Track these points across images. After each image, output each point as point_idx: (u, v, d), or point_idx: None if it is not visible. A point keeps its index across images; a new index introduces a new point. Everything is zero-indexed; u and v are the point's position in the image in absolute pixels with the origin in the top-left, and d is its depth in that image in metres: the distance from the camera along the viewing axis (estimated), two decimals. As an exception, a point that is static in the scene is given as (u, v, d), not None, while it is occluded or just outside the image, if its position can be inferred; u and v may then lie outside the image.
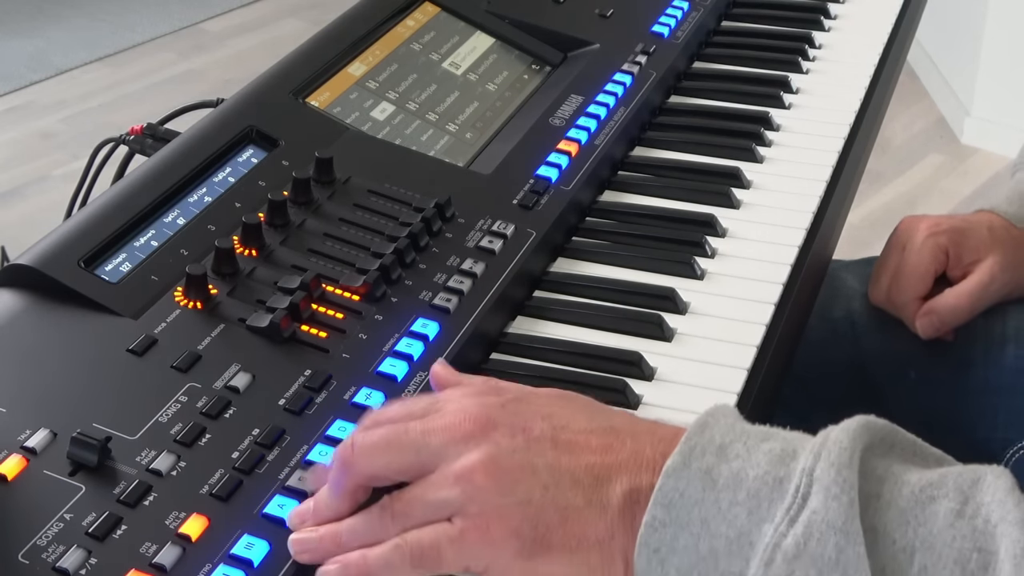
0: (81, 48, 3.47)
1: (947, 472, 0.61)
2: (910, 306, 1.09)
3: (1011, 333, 1.10)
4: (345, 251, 0.87)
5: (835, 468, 0.59)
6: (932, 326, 1.08)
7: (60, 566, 0.63)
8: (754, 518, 0.59)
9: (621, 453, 0.64)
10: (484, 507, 0.63)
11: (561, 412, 0.66)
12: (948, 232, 1.09)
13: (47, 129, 3.10)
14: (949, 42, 3.12)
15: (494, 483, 0.63)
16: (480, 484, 0.63)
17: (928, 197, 2.82)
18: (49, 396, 0.72)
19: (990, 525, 0.57)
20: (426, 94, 1.07)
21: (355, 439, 0.66)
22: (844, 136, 1.13)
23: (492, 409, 0.65)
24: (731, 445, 0.62)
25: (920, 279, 1.08)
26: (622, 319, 0.90)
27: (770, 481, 0.60)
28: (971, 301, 1.07)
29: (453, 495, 0.63)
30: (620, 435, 0.65)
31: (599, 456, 0.64)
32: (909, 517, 0.58)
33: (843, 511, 0.58)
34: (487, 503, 0.63)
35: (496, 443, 0.64)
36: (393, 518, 0.64)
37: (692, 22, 1.25)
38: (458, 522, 0.63)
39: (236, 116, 0.96)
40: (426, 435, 0.65)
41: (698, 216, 1.01)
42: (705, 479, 0.61)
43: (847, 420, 0.63)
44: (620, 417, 0.67)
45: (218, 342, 0.78)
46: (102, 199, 0.87)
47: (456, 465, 0.63)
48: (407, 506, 0.64)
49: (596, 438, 0.64)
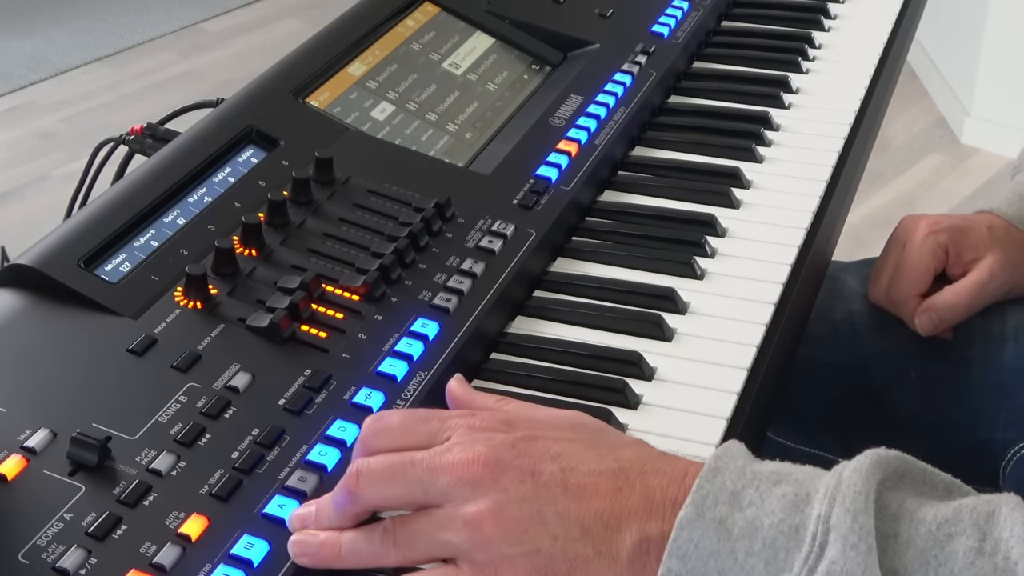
0: (81, 48, 3.47)
1: (961, 506, 0.60)
2: (909, 304, 1.09)
3: (1010, 332, 1.10)
4: (345, 251, 0.87)
5: (851, 515, 0.58)
6: (931, 323, 1.08)
7: (60, 566, 0.63)
8: (771, 568, 0.59)
9: (631, 498, 0.63)
10: (492, 556, 0.62)
11: (571, 451, 0.65)
12: (948, 230, 1.09)
13: (47, 129, 3.10)
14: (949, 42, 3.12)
15: (502, 533, 0.62)
16: (488, 534, 0.62)
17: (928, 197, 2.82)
18: (49, 396, 0.72)
19: (1010, 562, 0.57)
20: (426, 94, 1.07)
21: (360, 467, 0.66)
22: (844, 136, 1.13)
23: (501, 451, 0.64)
24: (744, 491, 0.61)
25: (920, 277, 1.08)
26: (622, 319, 0.90)
27: (786, 530, 0.59)
28: (970, 299, 1.07)
29: (459, 539, 0.63)
30: (630, 477, 0.64)
31: (609, 501, 0.63)
32: (929, 558, 0.58)
33: (862, 560, 0.57)
34: (495, 552, 0.62)
35: (504, 490, 0.63)
36: (395, 545, 0.64)
37: (692, 22, 1.25)
38: (465, 568, 0.63)
39: (236, 116, 0.96)
40: (433, 473, 0.64)
41: (698, 216, 1.01)
42: (719, 529, 0.60)
43: (859, 457, 0.62)
44: (629, 451, 0.66)
45: (218, 342, 0.78)
46: (102, 199, 0.87)
47: (463, 510, 0.63)
48: (411, 536, 0.64)
49: (606, 481, 0.63)
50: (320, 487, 0.70)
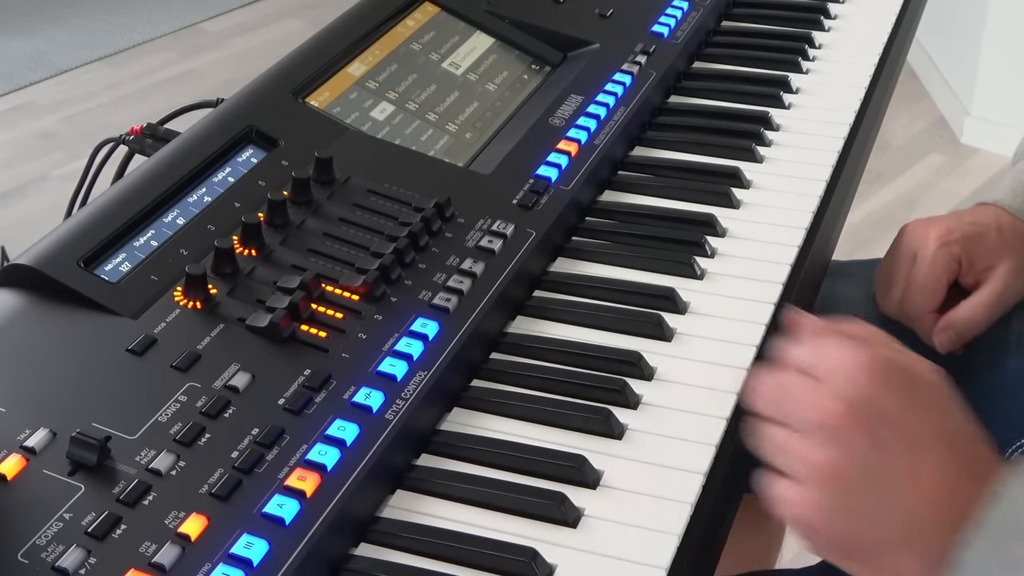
0: (81, 48, 3.47)
1: None
2: (925, 320, 1.08)
3: (1014, 338, 1.09)
4: (345, 251, 0.87)
5: None
6: (950, 340, 1.07)
7: (60, 565, 0.63)
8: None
9: (943, 508, 0.66)
10: (830, 498, 0.67)
11: (923, 441, 0.68)
12: (960, 241, 1.07)
13: (47, 129, 3.10)
14: (949, 42, 3.12)
15: (845, 485, 0.67)
16: (833, 480, 0.68)
17: (928, 197, 2.82)
18: (49, 396, 0.72)
19: None
20: (426, 94, 1.07)
21: (758, 382, 0.72)
22: (844, 136, 1.13)
23: (871, 403, 0.69)
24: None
25: (934, 292, 1.07)
26: (622, 319, 0.90)
27: None
28: (987, 312, 1.06)
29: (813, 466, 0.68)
30: (952, 487, 0.67)
31: (929, 507, 0.66)
32: None
33: None
34: (832, 495, 0.67)
35: (859, 452, 0.68)
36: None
37: (692, 22, 1.25)
38: (813, 491, 0.68)
39: (236, 116, 0.96)
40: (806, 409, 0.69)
41: (698, 216, 1.01)
42: (1001, 559, 0.63)
43: None
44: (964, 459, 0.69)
45: (218, 342, 0.78)
46: (102, 199, 0.87)
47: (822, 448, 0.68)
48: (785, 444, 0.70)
49: (934, 488, 0.67)
50: (320, 487, 0.70)
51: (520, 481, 0.76)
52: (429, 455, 0.79)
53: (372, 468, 0.73)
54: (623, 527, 0.74)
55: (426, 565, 0.71)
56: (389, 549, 0.72)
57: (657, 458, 0.78)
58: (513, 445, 0.79)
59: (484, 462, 0.78)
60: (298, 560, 0.67)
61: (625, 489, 0.76)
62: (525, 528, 0.73)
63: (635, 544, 0.73)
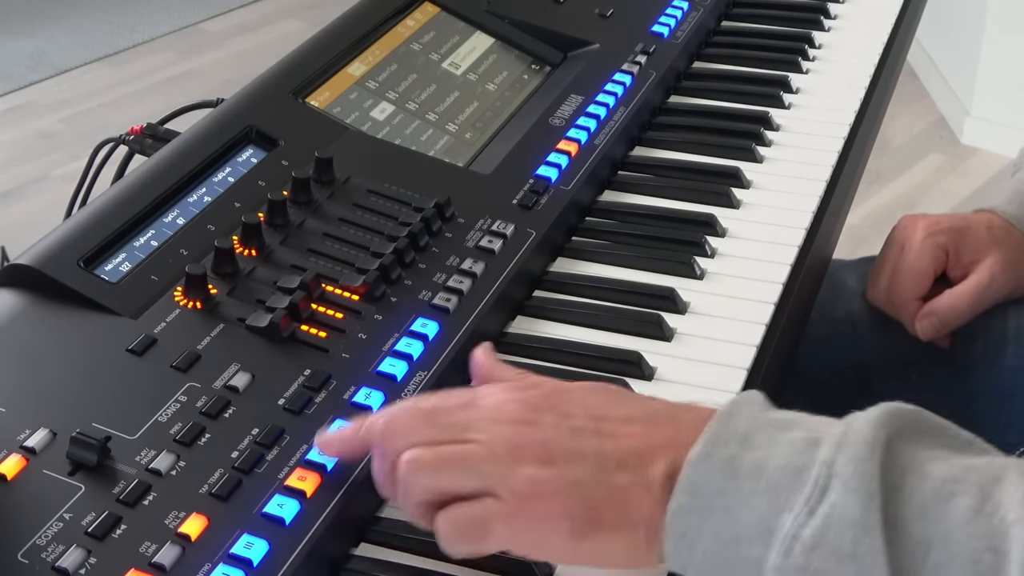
0: (81, 48, 3.47)
1: (971, 466, 0.60)
2: (909, 306, 1.09)
3: (1012, 333, 1.10)
4: (345, 251, 0.87)
5: (855, 462, 0.59)
6: (932, 327, 1.08)
7: (60, 565, 0.63)
8: (774, 507, 0.60)
9: (660, 437, 0.65)
10: (536, 488, 0.64)
11: (601, 403, 0.68)
12: (947, 231, 1.08)
13: (47, 129, 3.10)
14: (949, 42, 3.12)
15: (543, 466, 0.64)
16: (529, 466, 0.64)
17: (928, 197, 2.82)
18: (49, 396, 0.72)
19: (1006, 524, 0.57)
20: (426, 94, 1.07)
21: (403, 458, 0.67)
22: (844, 136, 1.13)
23: (536, 399, 0.67)
24: (755, 434, 0.63)
25: (919, 279, 1.08)
26: (622, 319, 0.90)
27: (790, 471, 0.61)
28: (971, 302, 1.07)
29: (500, 470, 0.64)
30: (659, 421, 0.66)
31: (641, 440, 0.65)
32: (928, 512, 0.58)
33: (861, 505, 0.58)
34: (539, 484, 0.64)
35: (543, 431, 0.66)
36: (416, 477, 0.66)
37: (692, 22, 1.25)
38: (510, 501, 0.64)
39: (236, 116, 0.96)
40: (471, 421, 0.67)
41: (698, 216, 1.01)
42: (727, 468, 0.62)
43: (873, 408, 0.63)
44: (656, 403, 0.69)
45: (218, 342, 0.78)
46: (102, 199, 0.87)
47: (504, 443, 0.65)
48: (449, 459, 0.66)
49: (637, 426, 0.66)
50: (320, 487, 0.70)
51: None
52: (429, 455, 0.78)
53: (372, 468, 0.73)
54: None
55: (426, 565, 0.71)
56: (389, 549, 0.72)
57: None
58: (513, 445, 0.79)
59: (484, 462, 0.78)
60: (298, 560, 0.67)
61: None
62: (525, 528, 0.73)
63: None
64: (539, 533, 0.64)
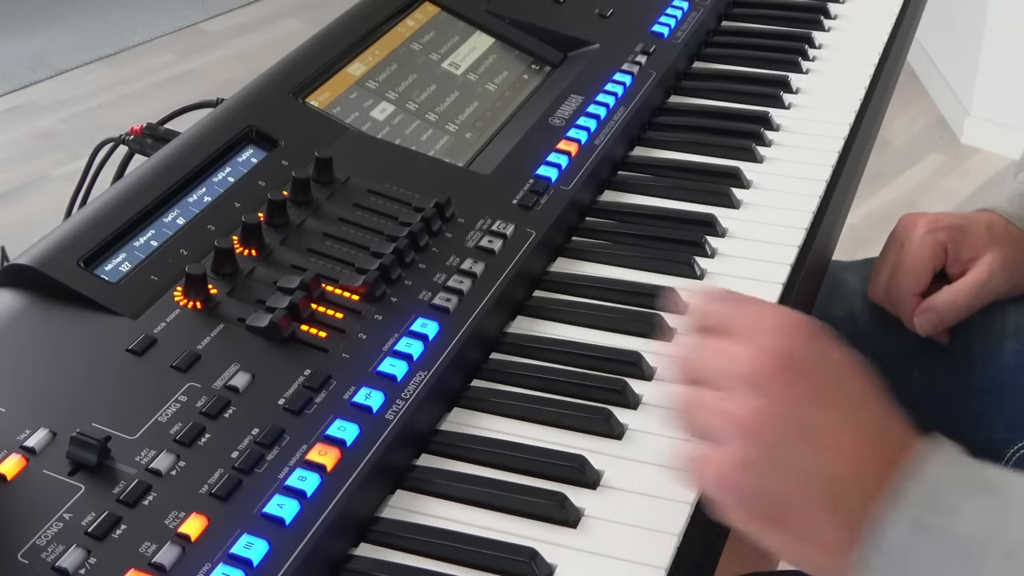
0: (81, 48, 3.47)
1: None
2: (908, 302, 1.09)
3: (1011, 330, 1.10)
4: (345, 251, 0.87)
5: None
6: (930, 323, 1.08)
7: (60, 565, 0.63)
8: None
9: (864, 474, 0.64)
10: (762, 453, 0.65)
11: (846, 401, 0.67)
12: (947, 228, 1.08)
13: (47, 129, 3.09)
14: (949, 42, 3.12)
15: (762, 439, 0.65)
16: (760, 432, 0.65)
17: (928, 197, 2.82)
18: (49, 396, 0.72)
19: None
20: (426, 94, 1.07)
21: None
22: (844, 136, 1.13)
23: (795, 356, 0.67)
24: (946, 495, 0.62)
25: (918, 275, 1.08)
26: (622, 319, 0.90)
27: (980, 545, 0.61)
28: (969, 298, 1.07)
29: (730, 428, 0.65)
30: (874, 452, 0.65)
31: (851, 471, 0.64)
32: None
33: None
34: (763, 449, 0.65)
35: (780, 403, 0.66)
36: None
37: (692, 22, 1.25)
38: (738, 452, 0.65)
39: (236, 116, 0.96)
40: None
41: (698, 216, 1.01)
42: (916, 528, 0.61)
43: None
44: (868, 410, 0.68)
45: (218, 342, 0.78)
46: (102, 199, 0.87)
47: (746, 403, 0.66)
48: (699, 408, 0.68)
49: (856, 451, 0.65)
50: (320, 487, 0.70)
51: (520, 481, 0.76)
52: (429, 455, 0.79)
53: (372, 468, 0.73)
54: (623, 527, 0.74)
55: (426, 565, 0.71)
56: (389, 549, 0.72)
57: (657, 458, 0.78)
58: (513, 445, 0.79)
59: (484, 462, 0.78)
60: (298, 560, 0.67)
61: (625, 489, 0.76)
62: (525, 528, 0.73)
63: (635, 544, 0.73)
64: (730, 501, 0.66)
